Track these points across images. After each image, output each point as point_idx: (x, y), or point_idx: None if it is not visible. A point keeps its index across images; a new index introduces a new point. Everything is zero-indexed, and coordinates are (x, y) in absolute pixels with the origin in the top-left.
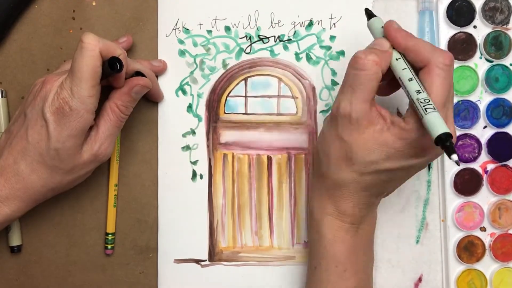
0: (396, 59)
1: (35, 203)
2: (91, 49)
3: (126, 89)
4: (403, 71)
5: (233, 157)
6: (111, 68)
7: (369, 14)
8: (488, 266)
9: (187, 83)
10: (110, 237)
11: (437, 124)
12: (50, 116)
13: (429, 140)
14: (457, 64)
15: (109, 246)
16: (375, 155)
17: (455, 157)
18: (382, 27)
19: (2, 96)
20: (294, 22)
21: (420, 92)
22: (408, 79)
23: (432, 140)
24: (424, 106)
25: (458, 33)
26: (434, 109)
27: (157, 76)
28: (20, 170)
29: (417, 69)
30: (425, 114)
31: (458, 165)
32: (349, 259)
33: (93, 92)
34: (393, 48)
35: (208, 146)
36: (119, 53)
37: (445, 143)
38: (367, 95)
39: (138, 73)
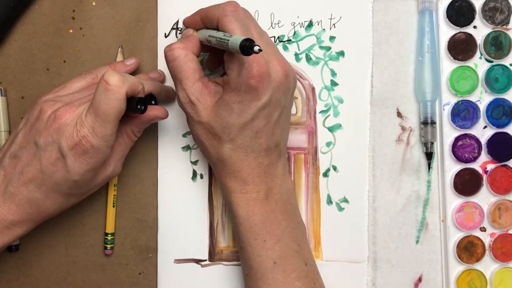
0: (209, 36)
1: (44, 220)
2: (117, 92)
3: (145, 119)
4: (209, 36)
5: None
6: (134, 109)
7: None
8: (488, 266)
9: None
10: (109, 237)
11: (237, 38)
12: (69, 151)
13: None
14: (457, 64)
15: (109, 246)
16: (230, 119)
17: (256, 48)
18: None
19: (1, 95)
20: (294, 22)
21: (225, 34)
22: (215, 35)
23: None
24: (226, 37)
25: (458, 33)
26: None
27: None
28: (34, 197)
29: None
30: (229, 39)
31: (261, 51)
32: (265, 229)
33: (115, 129)
34: (198, 30)
35: None
36: (140, 89)
37: (245, 43)
38: (193, 76)
39: (151, 94)
